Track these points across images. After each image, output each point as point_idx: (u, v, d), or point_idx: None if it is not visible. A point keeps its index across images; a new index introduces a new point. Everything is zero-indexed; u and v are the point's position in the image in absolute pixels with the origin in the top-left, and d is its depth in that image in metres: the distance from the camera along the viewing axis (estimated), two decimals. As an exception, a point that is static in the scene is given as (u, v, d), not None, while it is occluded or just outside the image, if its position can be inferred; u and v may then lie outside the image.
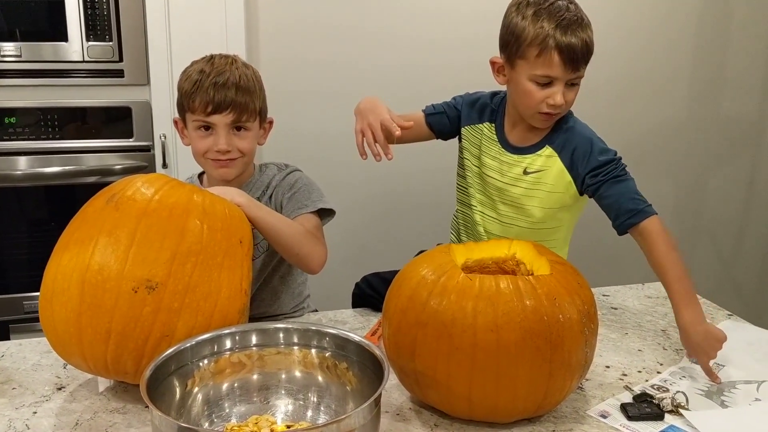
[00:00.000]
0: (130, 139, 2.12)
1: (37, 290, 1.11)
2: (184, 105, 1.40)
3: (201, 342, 1.01)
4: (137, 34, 2.05)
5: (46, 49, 2.01)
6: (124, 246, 1.04)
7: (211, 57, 1.41)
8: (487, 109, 1.58)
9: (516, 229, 1.54)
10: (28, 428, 1.05)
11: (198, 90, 1.36)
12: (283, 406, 1.03)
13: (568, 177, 1.47)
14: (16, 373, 1.22)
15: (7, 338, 2.09)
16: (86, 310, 1.03)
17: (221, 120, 1.37)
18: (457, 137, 1.64)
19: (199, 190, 1.15)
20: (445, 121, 1.63)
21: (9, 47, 1.98)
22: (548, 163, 1.48)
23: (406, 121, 1.46)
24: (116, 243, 1.04)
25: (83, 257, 1.05)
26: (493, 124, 1.57)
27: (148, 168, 2.11)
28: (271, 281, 1.50)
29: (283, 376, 1.04)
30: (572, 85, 1.42)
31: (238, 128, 1.40)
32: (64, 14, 1.99)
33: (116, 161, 2.10)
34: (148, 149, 2.13)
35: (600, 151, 1.43)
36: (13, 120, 2.03)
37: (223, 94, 1.35)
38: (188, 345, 0.99)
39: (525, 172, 1.50)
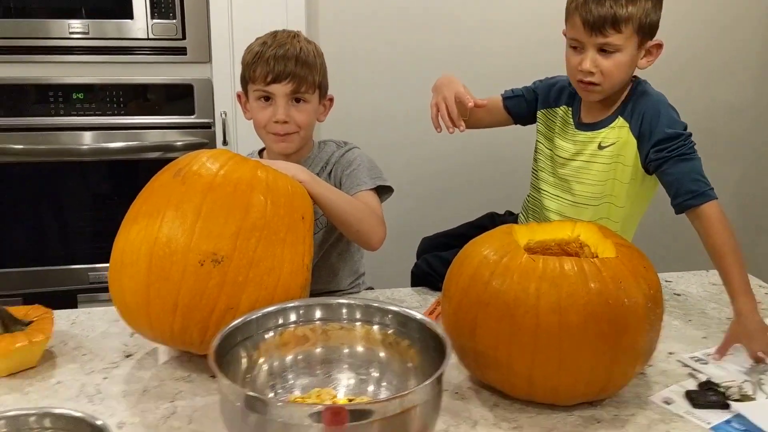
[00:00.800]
0: (192, 116, 2.15)
1: (102, 262, 1.14)
2: (246, 76, 1.43)
3: (267, 314, 1.02)
4: (200, 13, 2.07)
5: (112, 26, 2.05)
6: (190, 220, 1.06)
7: (275, 32, 1.44)
8: (565, 92, 1.57)
9: (591, 209, 1.51)
10: (100, 392, 1.09)
11: (259, 60, 1.39)
12: (345, 380, 1.04)
13: (636, 147, 1.44)
14: (86, 340, 1.26)
15: (75, 307, 2.16)
16: (154, 282, 1.05)
17: (280, 90, 1.39)
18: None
19: (262, 166, 1.16)
20: (522, 105, 1.62)
21: (77, 24, 2.03)
22: (621, 134, 1.45)
23: (480, 101, 1.47)
24: (183, 217, 1.07)
25: (151, 230, 1.07)
26: (570, 108, 1.55)
27: (209, 145, 2.14)
28: (330, 257, 1.52)
29: (346, 350, 1.05)
30: (605, 52, 1.39)
31: (297, 100, 1.41)
32: (129, -8, 2.02)
33: (177, 138, 2.14)
34: (209, 126, 2.16)
35: (668, 122, 1.40)
36: (81, 96, 2.09)
37: (282, 64, 1.38)
38: (254, 317, 1.01)
39: (600, 147, 1.47)
